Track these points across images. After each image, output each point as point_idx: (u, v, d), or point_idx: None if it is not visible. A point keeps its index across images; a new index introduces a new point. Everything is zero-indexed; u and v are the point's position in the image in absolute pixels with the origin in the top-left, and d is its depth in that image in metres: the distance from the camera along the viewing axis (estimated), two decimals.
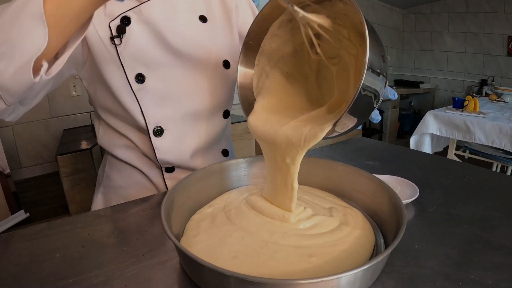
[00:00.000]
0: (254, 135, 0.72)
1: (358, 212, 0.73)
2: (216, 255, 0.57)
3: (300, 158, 0.65)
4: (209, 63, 0.95)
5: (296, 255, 0.57)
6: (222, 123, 1.04)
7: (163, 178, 0.99)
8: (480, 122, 2.60)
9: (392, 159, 1.17)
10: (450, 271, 0.57)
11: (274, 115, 0.71)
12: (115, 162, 1.02)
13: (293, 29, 0.73)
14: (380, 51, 0.56)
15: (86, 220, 0.77)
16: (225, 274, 0.44)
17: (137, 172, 1.00)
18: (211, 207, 0.75)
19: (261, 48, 0.75)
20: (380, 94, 0.59)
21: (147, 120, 0.89)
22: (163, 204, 0.59)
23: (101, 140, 1.00)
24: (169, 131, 0.93)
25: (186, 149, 0.96)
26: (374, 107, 0.60)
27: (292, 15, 0.70)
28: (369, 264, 0.44)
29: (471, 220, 0.74)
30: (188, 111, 0.94)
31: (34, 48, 0.53)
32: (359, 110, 0.56)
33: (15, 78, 0.55)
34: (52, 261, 0.61)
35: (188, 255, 0.47)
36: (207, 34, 0.95)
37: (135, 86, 0.86)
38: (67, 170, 2.16)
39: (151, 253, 0.63)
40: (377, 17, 5.05)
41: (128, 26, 0.82)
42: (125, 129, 0.94)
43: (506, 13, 4.36)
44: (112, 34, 0.82)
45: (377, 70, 0.54)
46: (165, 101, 0.91)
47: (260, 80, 0.76)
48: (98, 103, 0.94)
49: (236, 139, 2.42)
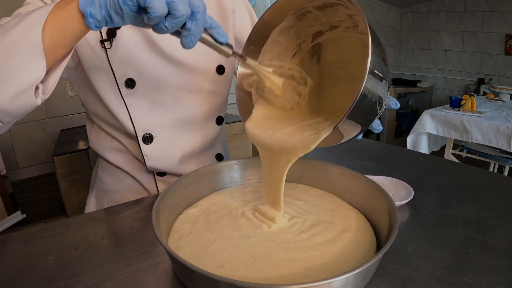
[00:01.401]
0: (252, 141, 0.71)
1: (358, 213, 0.73)
2: (200, 261, 0.57)
3: (291, 163, 0.65)
4: (202, 68, 0.93)
5: (287, 265, 0.57)
6: (215, 129, 1.02)
7: (155, 181, 0.98)
8: (477, 122, 2.60)
9: (388, 159, 1.17)
10: (443, 274, 0.56)
11: (272, 122, 0.71)
12: (107, 166, 1.01)
13: (295, 36, 0.73)
14: (382, 54, 0.55)
15: (80, 222, 0.77)
16: (216, 280, 0.44)
17: (128, 176, 0.99)
18: (194, 208, 0.75)
19: (262, 54, 0.74)
20: (383, 99, 0.58)
21: (136, 127, 0.88)
22: (154, 208, 0.59)
23: (93, 143, 0.99)
24: (159, 138, 0.91)
25: (176, 157, 0.95)
26: (377, 113, 0.60)
27: (294, 22, 0.70)
28: (360, 269, 0.43)
29: (466, 222, 0.74)
30: (179, 118, 0.93)
31: (34, 77, 0.57)
32: (360, 115, 0.55)
33: (16, 102, 0.58)
34: (45, 264, 0.62)
35: (180, 261, 0.46)
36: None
37: (125, 91, 0.84)
38: (63, 171, 2.15)
39: (143, 256, 0.63)
40: (374, 16, 5.04)
41: (118, 29, 0.81)
42: (116, 134, 0.93)
43: (504, 12, 4.35)
44: (102, 37, 0.80)
45: (379, 73, 0.53)
46: (155, 108, 0.89)
47: (259, 86, 0.76)
48: (88, 108, 0.94)
49: (233, 139, 2.41)
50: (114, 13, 0.51)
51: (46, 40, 0.54)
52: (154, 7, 0.47)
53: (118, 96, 0.85)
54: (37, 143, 2.66)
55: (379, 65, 0.53)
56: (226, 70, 0.97)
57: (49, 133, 2.69)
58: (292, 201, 0.78)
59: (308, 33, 0.73)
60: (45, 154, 2.68)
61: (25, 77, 0.56)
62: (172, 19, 0.50)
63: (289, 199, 0.78)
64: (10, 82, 0.56)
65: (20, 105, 0.59)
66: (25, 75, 0.56)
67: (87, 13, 0.52)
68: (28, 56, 0.55)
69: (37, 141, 2.65)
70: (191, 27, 0.52)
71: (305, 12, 0.68)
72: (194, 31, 0.53)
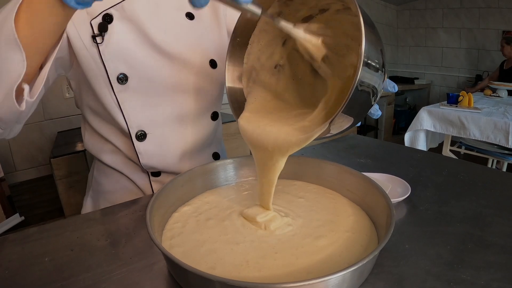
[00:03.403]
0: (244, 139, 0.69)
1: (359, 210, 0.72)
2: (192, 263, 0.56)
3: (285, 159, 0.64)
4: (195, 62, 0.92)
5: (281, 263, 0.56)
6: (210, 125, 1.01)
7: (149, 182, 0.98)
8: (474, 118, 2.60)
9: (385, 156, 1.17)
10: (441, 271, 0.56)
11: (265, 118, 0.69)
12: (103, 167, 1.00)
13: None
14: (378, 45, 0.53)
15: (76, 223, 0.77)
16: (211, 280, 0.43)
17: (123, 177, 0.98)
18: (188, 206, 0.75)
19: (250, 45, 0.72)
20: (378, 90, 0.56)
21: (128, 124, 0.87)
22: (148, 208, 0.59)
23: (87, 145, 0.98)
24: (152, 135, 0.90)
25: (171, 154, 0.94)
26: (372, 104, 0.58)
27: (280, 8, 0.67)
28: (355, 267, 0.43)
29: (463, 218, 0.74)
30: (172, 114, 0.91)
31: (14, 75, 0.51)
32: (355, 108, 0.53)
33: (2, 109, 0.54)
34: (41, 266, 0.61)
35: (174, 261, 0.46)
36: (193, 32, 0.92)
37: (117, 87, 0.83)
38: (61, 173, 2.15)
39: (138, 256, 0.63)
40: (371, 14, 5.04)
41: (110, 24, 0.80)
42: (110, 133, 0.92)
43: (500, 8, 4.36)
44: (94, 33, 0.79)
45: (374, 64, 0.51)
46: (148, 103, 0.88)
47: (250, 79, 0.74)
48: (84, 103, 0.92)
49: (230, 139, 2.40)
50: None
51: (22, 29, 0.48)
52: None
53: (111, 91, 0.84)
54: (34, 146, 2.65)
55: (373, 52, 0.51)
56: (219, 65, 0.96)
57: (47, 135, 2.69)
58: (293, 199, 0.77)
59: (297, 18, 0.69)
60: (43, 156, 2.67)
61: (6, 76, 0.51)
62: None
63: (289, 196, 0.78)
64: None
65: (5, 111, 0.54)
66: (5, 74, 0.50)
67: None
68: (4, 50, 0.49)
69: (34, 144, 2.65)
70: None
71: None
72: None
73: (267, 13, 0.54)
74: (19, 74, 0.51)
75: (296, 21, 0.68)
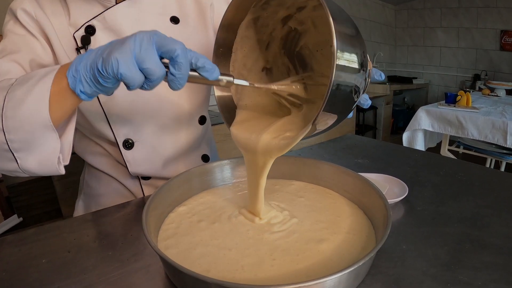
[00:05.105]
0: (237, 145, 0.70)
1: (358, 209, 0.72)
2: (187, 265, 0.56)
3: (272, 161, 0.65)
4: None
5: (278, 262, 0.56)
6: (198, 130, 1.00)
7: (140, 185, 0.97)
8: (472, 117, 2.60)
9: (383, 157, 1.17)
10: (438, 272, 0.56)
11: (256, 124, 0.70)
12: (93, 171, 1.00)
13: (262, 27, 0.71)
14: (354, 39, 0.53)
15: (73, 225, 0.77)
16: (207, 282, 0.43)
17: (114, 180, 0.98)
18: (183, 206, 0.75)
19: (233, 54, 0.72)
20: (359, 86, 0.56)
21: (115, 133, 0.86)
22: (145, 209, 0.59)
23: (77, 148, 0.98)
24: (140, 143, 0.89)
25: (159, 161, 0.93)
26: (355, 101, 0.58)
27: (257, 13, 0.68)
28: (351, 268, 0.43)
29: (461, 218, 0.74)
30: (160, 121, 0.90)
31: (51, 150, 0.60)
32: (337, 106, 0.53)
33: (41, 168, 0.61)
34: (38, 267, 0.61)
35: (170, 263, 0.46)
36: (179, 36, 0.87)
37: (103, 97, 0.82)
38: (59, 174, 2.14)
39: (135, 257, 0.63)
40: (369, 13, 5.04)
41: (92, 36, 0.79)
42: (98, 139, 0.92)
43: (498, 8, 4.36)
44: (77, 45, 0.79)
45: (351, 61, 0.51)
46: (135, 111, 0.87)
47: (238, 86, 0.74)
48: None
49: (223, 140, 2.38)
50: (100, 88, 0.54)
51: (52, 115, 0.57)
52: (130, 81, 0.51)
53: (96, 102, 0.83)
54: None
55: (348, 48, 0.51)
56: None
57: None
58: (294, 198, 0.77)
59: (276, 20, 0.70)
60: None
61: (44, 150, 0.60)
62: (149, 81, 0.52)
63: (289, 196, 0.78)
64: (31, 151, 0.59)
65: (45, 170, 0.62)
66: (43, 148, 0.60)
67: (78, 91, 0.55)
68: (42, 131, 0.58)
69: None
70: (175, 72, 0.52)
71: (268, 0, 0.65)
72: (179, 75, 0.52)
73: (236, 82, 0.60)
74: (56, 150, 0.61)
75: (276, 23, 0.70)
